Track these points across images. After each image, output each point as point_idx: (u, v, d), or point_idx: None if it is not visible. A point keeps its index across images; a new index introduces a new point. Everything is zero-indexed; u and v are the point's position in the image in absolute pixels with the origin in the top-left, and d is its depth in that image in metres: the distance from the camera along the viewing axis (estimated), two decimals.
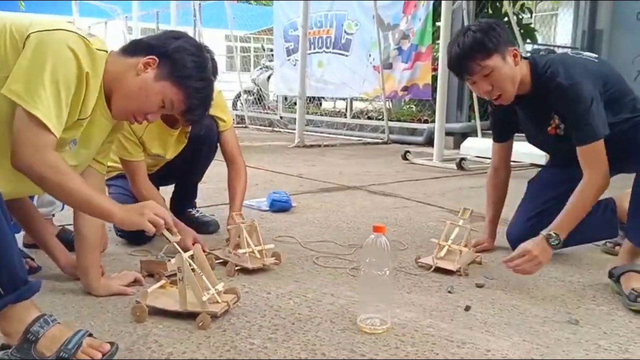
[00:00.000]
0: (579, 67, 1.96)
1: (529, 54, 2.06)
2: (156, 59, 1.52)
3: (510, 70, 1.95)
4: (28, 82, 1.34)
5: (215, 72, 2.08)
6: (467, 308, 1.69)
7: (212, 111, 2.12)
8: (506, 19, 6.11)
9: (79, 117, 1.48)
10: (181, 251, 1.52)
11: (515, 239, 2.14)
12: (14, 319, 1.26)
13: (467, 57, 1.94)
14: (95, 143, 1.63)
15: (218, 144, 2.42)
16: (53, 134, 1.37)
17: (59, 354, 1.23)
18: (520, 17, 7.20)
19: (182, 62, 1.53)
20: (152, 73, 1.51)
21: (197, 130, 2.30)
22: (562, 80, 1.91)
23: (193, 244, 1.98)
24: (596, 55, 2.11)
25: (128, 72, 1.51)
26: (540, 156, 4.04)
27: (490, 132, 2.38)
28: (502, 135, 2.30)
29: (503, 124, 2.27)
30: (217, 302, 1.56)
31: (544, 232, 1.87)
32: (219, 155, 2.54)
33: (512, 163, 2.36)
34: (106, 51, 1.52)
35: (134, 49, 1.55)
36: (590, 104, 1.89)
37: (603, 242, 2.32)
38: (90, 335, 1.30)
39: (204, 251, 2.00)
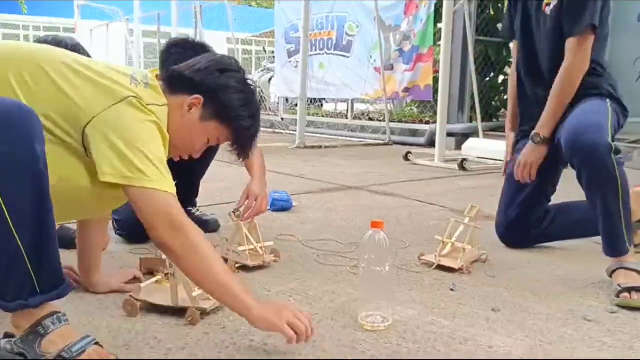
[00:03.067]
0: None
1: None
2: (201, 98, 1.44)
3: None
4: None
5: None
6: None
7: None
8: None
9: None
10: None
11: (501, 234, 2.31)
12: (30, 314, 1.23)
13: None
14: None
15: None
16: (172, 194, 1.33)
17: (61, 353, 1.20)
18: None
19: (227, 102, 1.45)
20: (197, 114, 1.45)
21: None
22: None
23: None
24: None
25: (174, 113, 1.44)
26: None
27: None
28: (514, 34, 2.32)
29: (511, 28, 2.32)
30: (208, 298, 1.55)
31: (531, 135, 2.08)
32: (219, 156, 2.53)
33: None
34: (166, 104, 1.43)
35: (177, 84, 1.46)
36: None
37: None
38: (97, 343, 1.26)
39: None
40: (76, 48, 2.08)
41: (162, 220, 1.29)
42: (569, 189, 2.30)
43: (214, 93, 1.45)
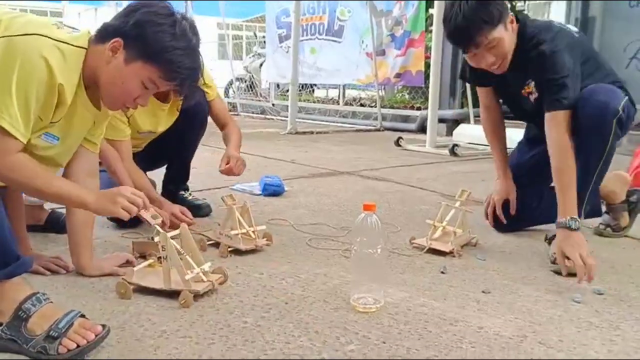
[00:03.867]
0: (564, 37, 1.95)
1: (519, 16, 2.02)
2: (120, 40, 1.42)
3: (510, 39, 1.94)
4: None
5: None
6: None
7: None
8: None
9: (51, 121, 1.45)
10: (163, 232, 1.51)
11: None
12: (6, 297, 1.25)
13: (472, 30, 1.87)
14: (77, 133, 1.60)
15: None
16: (20, 141, 1.34)
17: (49, 332, 1.21)
18: (514, 3, 7.18)
19: (147, 37, 1.41)
20: (122, 57, 1.43)
21: (189, 101, 2.27)
22: (545, 49, 1.89)
23: (180, 220, 2.05)
24: (577, 30, 2.11)
25: (101, 62, 1.44)
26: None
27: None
28: (483, 81, 2.21)
29: (478, 77, 2.21)
30: (202, 281, 1.56)
31: (568, 223, 1.80)
32: (209, 141, 2.54)
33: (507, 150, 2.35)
34: (84, 47, 1.45)
35: (103, 34, 1.46)
36: (567, 72, 1.88)
37: (597, 224, 2.33)
38: (83, 316, 1.28)
39: (192, 221, 2.04)
40: None
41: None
42: None
43: (131, 31, 1.42)
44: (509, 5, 1.99)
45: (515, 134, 2.43)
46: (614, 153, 1.92)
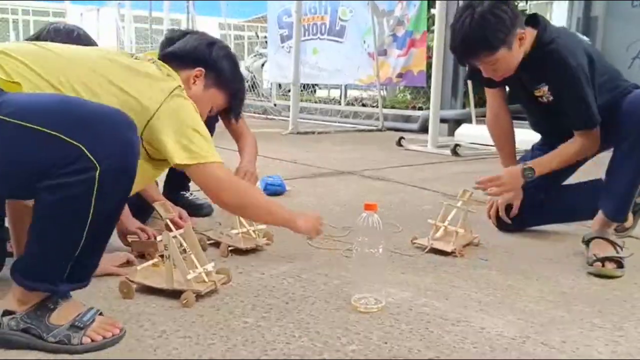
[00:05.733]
0: (583, 48, 1.97)
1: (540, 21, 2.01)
2: (202, 70, 1.66)
3: (514, 56, 1.94)
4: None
5: None
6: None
7: None
8: None
9: None
10: (166, 231, 1.52)
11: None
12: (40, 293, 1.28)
13: (470, 52, 1.93)
14: None
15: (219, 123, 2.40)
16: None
17: (74, 323, 1.25)
18: (516, 3, 7.17)
19: (223, 69, 1.70)
20: (201, 84, 1.67)
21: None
22: (570, 59, 1.90)
23: (178, 226, 2.00)
24: (588, 39, 2.12)
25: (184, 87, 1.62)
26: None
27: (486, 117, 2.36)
28: (492, 83, 2.18)
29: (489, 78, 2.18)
30: (204, 281, 1.55)
31: (522, 164, 2.07)
32: (216, 142, 2.52)
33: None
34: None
35: (178, 63, 1.64)
36: (587, 87, 1.92)
37: None
38: (101, 314, 1.33)
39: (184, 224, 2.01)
40: (90, 40, 2.01)
41: (223, 186, 1.63)
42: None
43: (211, 63, 1.68)
44: (520, 18, 1.95)
45: (528, 136, 2.42)
46: None
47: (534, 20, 2.01)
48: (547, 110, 2.08)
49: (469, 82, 5.92)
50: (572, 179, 2.33)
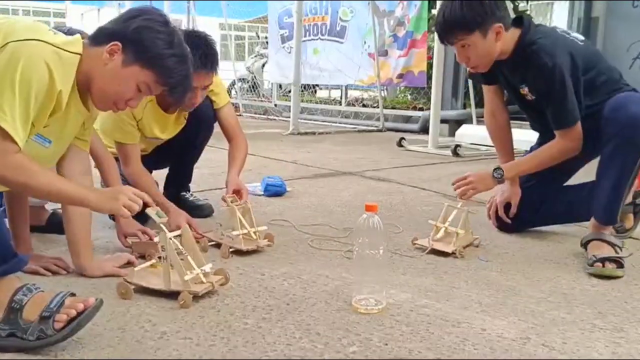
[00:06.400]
0: (565, 47, 1.99)
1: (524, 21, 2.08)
2: (119, 44, 1.46)
3: (488, 47, 2.01)
4: None
5: (213, 62, 2.06)
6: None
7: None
8: None
9: (45, 125, 1.47)
10: (163, 232, 1.51)
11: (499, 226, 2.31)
12: (1, 294, 1.27)
13: (447, 30, 2.02)
14: (69, 136, 1.63)
15: (215, 123, 2.40)
16: (17, 144, 1.34)
17: (42, 314, 1.23)
18: (517, 3, 7.16)
19: (145, 42, 1.47)
20: (119, 60, 1.47)
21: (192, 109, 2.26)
22: (547, 59, 1.94)
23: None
24: (582, 38, 2.12)
25: (97, 64, 1.48)
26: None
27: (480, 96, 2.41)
28: (488, 78, 2.26)
29: (485, 75, 2.25)
30: (202, 282, 1.55)
31: (494, 168, 2.12)
32: (212, 142, 2.52)
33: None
34: (79, 53, 1.48)
35: (99, 37, 1.50)
36: (568, 87, 1.95)
37: None
38: (73, 295, 1.31)
39: (198, 234, 2.00)
40: None
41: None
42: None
43: (131, 36, 1.47)
44: (502, 15, 2.02)
45: (525, 135, 2.43)
46: None
47: (519, 21, 2.08)
48: (534, 109, 2.14)
49: (470, 83, 5.93)
50: (572, 180, 2.33)
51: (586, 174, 2.27)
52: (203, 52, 2.01)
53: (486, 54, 2.02)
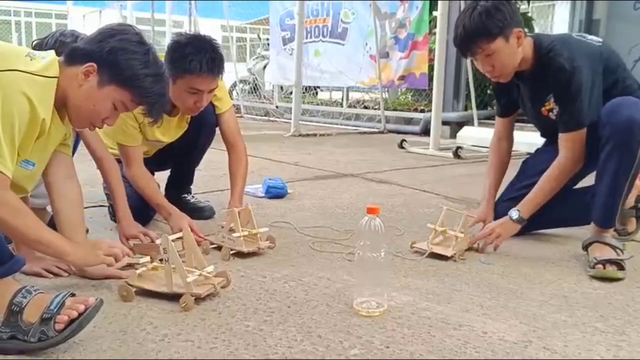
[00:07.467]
0: (582, 50, 2.00)
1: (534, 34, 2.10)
2: (94, 65, 1.47)
3: (512, 52, 2.00)
4: None
5: (220, 66, 2.05)
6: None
7: None
8: None
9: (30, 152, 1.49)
10: (165, 234, 1.53)
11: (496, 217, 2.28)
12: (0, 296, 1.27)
13: (470, 40, 1.99)
14: (51, 151, 1.65)
15: (217, 128, 2.40)
16: (7, 177, 1.34)
17: (42, 316, 1.23)
18: (518, 5, 7.17)
19: (121, 64, 1.48)
20: (94, 81, 1.48)
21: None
22: (564, 62, 1.95)
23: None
24: (600, 39, 2.11)
25: (72, 85, 1.48)
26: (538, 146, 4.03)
27: (488, 119, 2.41)
28: (505, 109, 2.33)
29: (505, 98, 2.30)
30: (203, 284, 1.56)
31: (510, 211, 2.08)
32: (214, 144, 2.52)
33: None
34: (56, 76, 1.47)
35: (74, 57, 1.50)
36: (584, 91, 1.95)
37: None
38: (73, 295, 1.31)
39: (200, 237, 2.00)
40: None
41: None
42: None
43: (106, 57, 1.47)
44: (520, 20, 2.02)
45: (525, 138, 2.43)
46: None
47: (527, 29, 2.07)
48: (551, 123, 2.11)
49: (471, 83, 5.93)
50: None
51: (591, 177, 2.27)
52: (210, 57, 2.00)
53: (510, 60, 2.00)
